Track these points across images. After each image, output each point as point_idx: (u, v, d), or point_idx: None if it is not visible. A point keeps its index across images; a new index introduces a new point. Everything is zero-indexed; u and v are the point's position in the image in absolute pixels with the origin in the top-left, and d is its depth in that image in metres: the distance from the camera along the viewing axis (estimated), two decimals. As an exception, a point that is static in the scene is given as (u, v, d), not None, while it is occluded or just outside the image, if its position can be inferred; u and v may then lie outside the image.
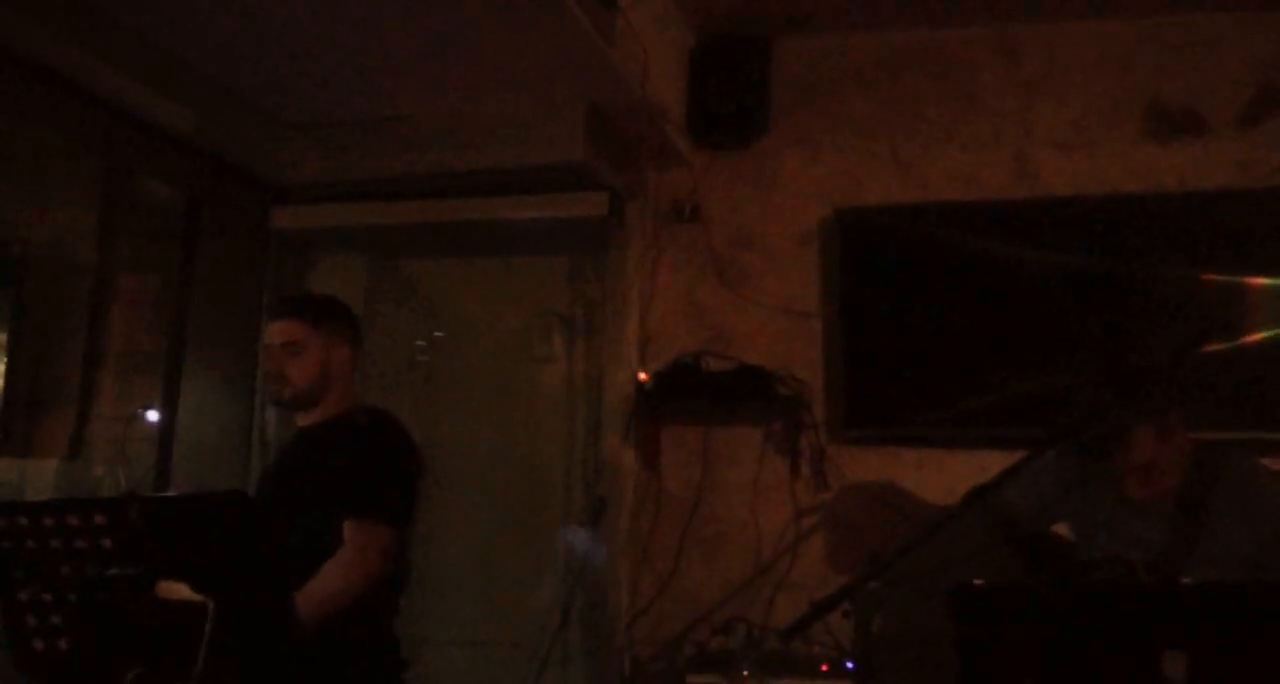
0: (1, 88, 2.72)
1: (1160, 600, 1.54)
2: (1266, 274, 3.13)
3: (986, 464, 3.25)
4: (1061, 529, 2.56)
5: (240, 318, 3.81)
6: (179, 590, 1.60)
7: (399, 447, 2.55)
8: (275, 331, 2.60)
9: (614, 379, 3.65)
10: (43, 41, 2.67)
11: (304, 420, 2.63)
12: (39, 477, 3.62)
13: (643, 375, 3.61)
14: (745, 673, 2.87)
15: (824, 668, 2.98)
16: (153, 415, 3.48)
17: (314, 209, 3.72)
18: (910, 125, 3.62)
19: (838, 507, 3.44)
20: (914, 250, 3.44)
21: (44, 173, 3.78)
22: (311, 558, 2.36)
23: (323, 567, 2.34)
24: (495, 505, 3.67)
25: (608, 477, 3.59)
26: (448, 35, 2.89)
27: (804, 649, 2.90)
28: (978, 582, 1.51)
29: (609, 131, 3.38)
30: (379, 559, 2.38)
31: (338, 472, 2.45)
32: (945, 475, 3.35)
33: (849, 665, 2.92)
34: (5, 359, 3.49)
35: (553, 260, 3.88)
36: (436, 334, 3.95)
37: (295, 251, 3.92)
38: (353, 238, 3.89)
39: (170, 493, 2.81)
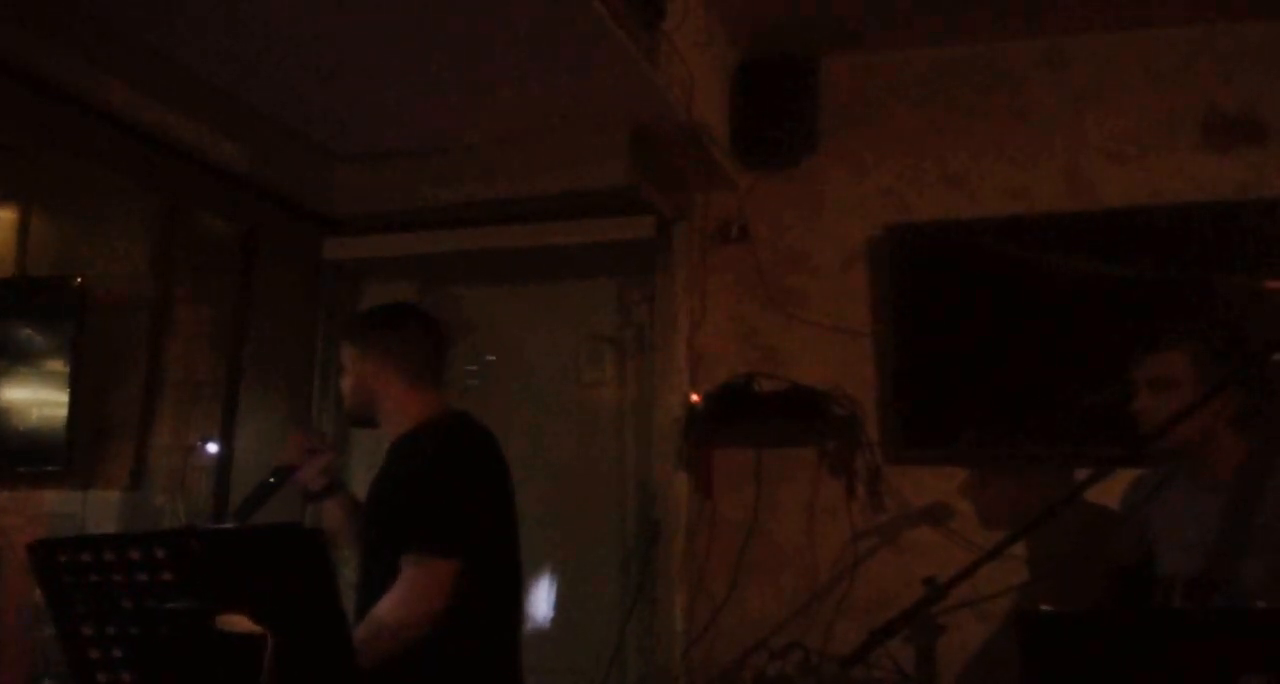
0: (61, 129, 2.80)
1: (1236, 623, 1.49)
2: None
3: (1048, 483, 3.23)
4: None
5: (295, 348, 3.86)
6: (240, 623, 1.61)
7: (468, 461, 2.34)
8: None
9: (664, 402, 3.63)
10: (100, 83, 2.74)
11: (389, 436, 2.51)
12: (101, 508, 3.69)
13: (695, 397, 3.59)
14: (806, 700, 2.83)
15: (886, 693, 2.93)
16: (211, 447, 3.53)
17: (365, 240, 3.76)
18: (959, 141, 3.58)
19: (894, 528, 3.39)
20: (966, 266, 3.40)
21: (103, 210, 3.88)
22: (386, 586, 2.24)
23: (378, 602, 2.21)
24: (547, 532, 3.65)
25: (661, 501, 3.58)
26: (493, 65, 2.92)
27: (864, 674, 2.86)
28: (1044, 608, 1.48)
29: (654, 155, 3.38)
30: (434, 597, 2.18)
31: (399, 493, 2.31)
32: (1006, 496, 3.30)
33: (912, 691, 2.87)
34: (68, 392, 3.57)
35: (601, 284, 3.88)
36: (488, 358, 3.96)
37: (348, 281, 3.97)
38: (403, 266, 3.92)
39: (228, 525, 2.83)
